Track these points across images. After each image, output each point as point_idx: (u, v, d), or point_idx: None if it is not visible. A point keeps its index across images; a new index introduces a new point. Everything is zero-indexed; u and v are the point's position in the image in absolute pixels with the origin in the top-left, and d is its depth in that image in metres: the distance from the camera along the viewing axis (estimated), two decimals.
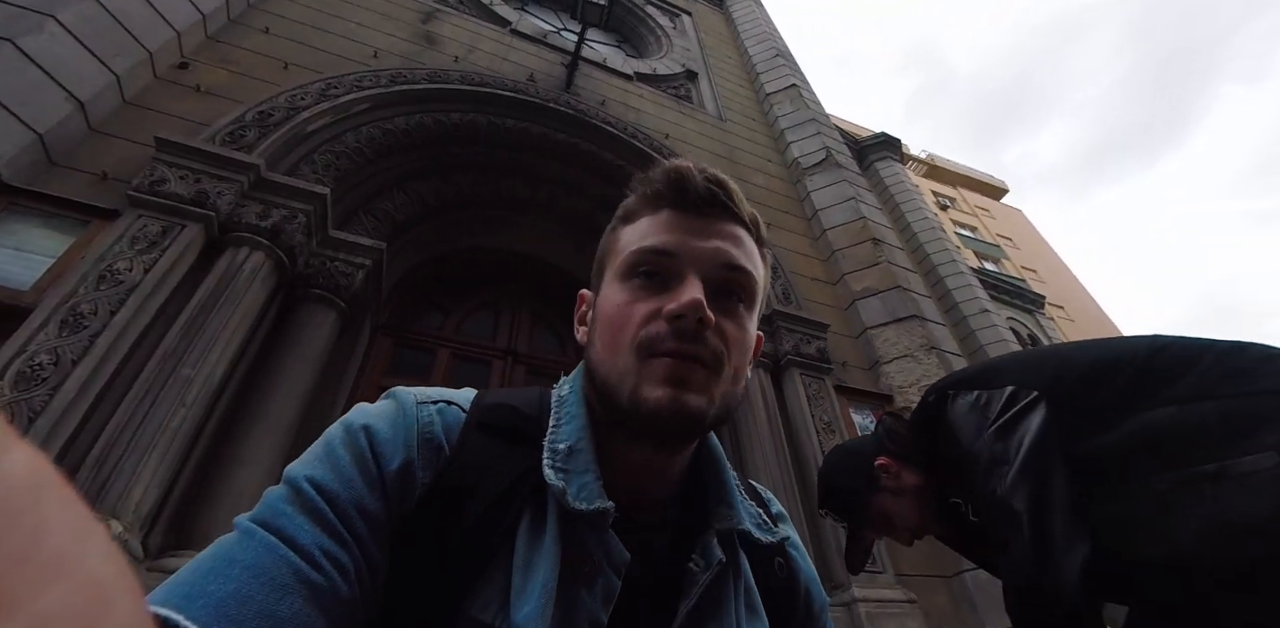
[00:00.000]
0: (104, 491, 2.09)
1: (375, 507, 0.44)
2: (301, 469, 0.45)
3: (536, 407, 0.56)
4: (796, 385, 4.00)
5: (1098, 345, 1.05)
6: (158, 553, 2.21)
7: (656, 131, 5.54)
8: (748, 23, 9.24)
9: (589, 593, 0.46)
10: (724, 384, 0.51)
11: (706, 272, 0.53)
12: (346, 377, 3.41)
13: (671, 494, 0.57)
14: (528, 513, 0.48)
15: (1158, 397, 0.90)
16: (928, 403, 1.13)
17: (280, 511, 0.41)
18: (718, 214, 0.56)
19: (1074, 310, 21.74)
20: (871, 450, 1.25)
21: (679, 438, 0.52)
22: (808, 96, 7.54)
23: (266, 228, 2.94)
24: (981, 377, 1.07)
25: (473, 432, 0.52)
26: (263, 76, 3.79)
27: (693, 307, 0.49)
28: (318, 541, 0.40)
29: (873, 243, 5.50)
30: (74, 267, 2.50)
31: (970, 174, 27.53)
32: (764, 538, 0.57)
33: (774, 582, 0.60)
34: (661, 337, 0.50)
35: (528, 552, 0.46)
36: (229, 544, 0.39)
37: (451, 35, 5.22)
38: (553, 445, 0.51)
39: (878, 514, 1.23)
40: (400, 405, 0.52)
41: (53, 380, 2.19)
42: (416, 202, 4.31)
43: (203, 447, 2.48)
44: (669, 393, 0.48)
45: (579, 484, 0.48)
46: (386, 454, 0.47)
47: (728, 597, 0.52)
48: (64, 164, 2.87)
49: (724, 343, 0.51)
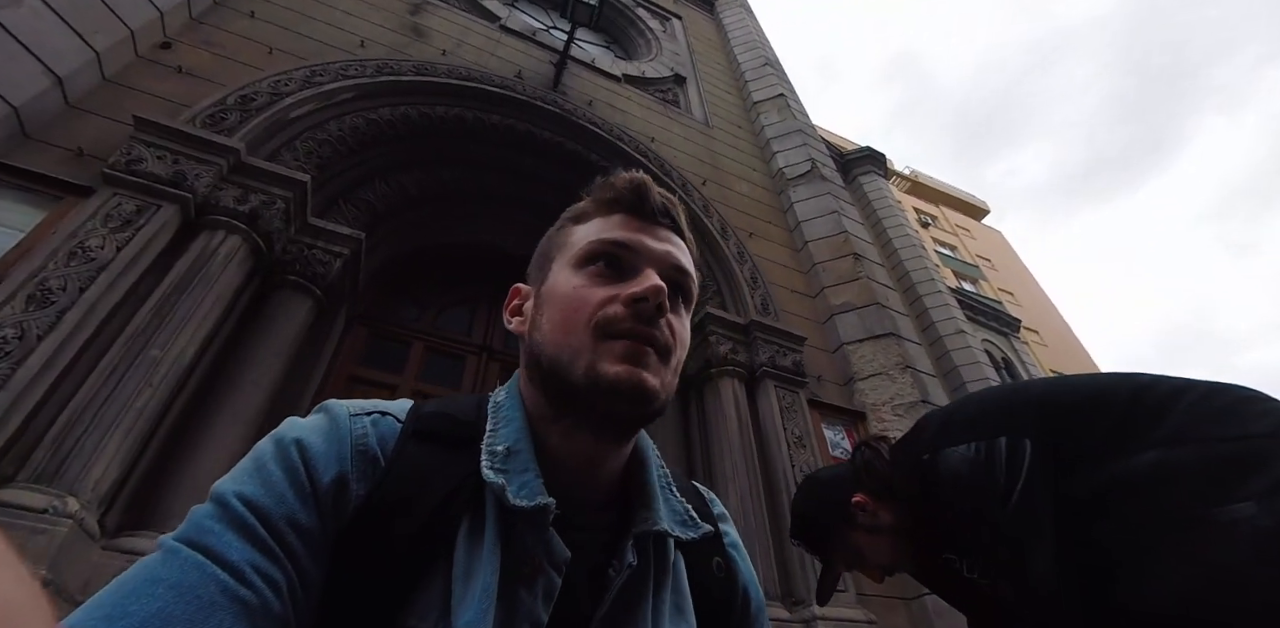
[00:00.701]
0: (63, 467, 2.12)
1: (309, 521, 0.45)
2: (230, 485, 0.45)
3: (474, 413, 0.58)
4: (770, 397, 4.09)
5: (1081, 384, 1.05)
6: (114, 532, 2.23)
7: (642, 134, 5.66)
8: (738, 30, 9.46)
9: (529, 593, 0.47)
10: (669, 374, 0.55)
11: (661, 270, 0.58)
12: (319, 365, 3.45)
13: (608, 498, 0.58)
14: (466, 519, 0.49)
15: (1140, 440, 0.91)
16: (922, 462, 1.08)
17: (207, 528, 0.42)
18: (668, 225, 0.62)
19: (1048, 335, 22.34)
20: (848, 485, 1.24)
21: (633, 416, 0.54)
22: (795, 107, 7.74)
23: (244, 212, 2.99)
24: (970, 424, 1.06)
25: (409, 441, 0.53)
26: (246, 60, 3.84)
27: (656, 291, 0.53)
28: (248, 557, 0.40)
29: (854, 258, 5.63)
30: (44, 242, 2.52)
31: (953, 192, 28.24)
32: (683, 535, 0.57)
33: (711, 581, 0.62)
34: (620, 318, 0.53)
35: (467, 558, 0.47)
36: (152, 564, 0.39)
37: (440, 28, 5.31)
38: (491, 448, 0.52)
39: (851, 550, 1.23)
40: (333, 419, 0.52)
41: (16, 354, 2.22)
42: (398, 192, 4.37)
43: (167, 428, 2.51)
44: (627, 369, 0.51)
45: (519, 483, 0.50)
46: (320, 468, 0.48)
47: (643, 600, 0.53)
48: (39, 138, 2.90)
49: (672, 335, 0.55)
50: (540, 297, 0.60)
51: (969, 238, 25.36)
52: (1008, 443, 0.98)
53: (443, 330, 4.54)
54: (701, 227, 5.12)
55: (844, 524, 1.22)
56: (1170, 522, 0.85)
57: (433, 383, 4.04)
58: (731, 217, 5.53)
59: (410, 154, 4.38)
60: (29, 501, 1.99)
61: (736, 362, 4.19)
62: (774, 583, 3.29)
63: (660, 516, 0.56)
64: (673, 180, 5.31)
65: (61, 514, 2.01)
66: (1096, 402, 0.99)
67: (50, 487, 2.07)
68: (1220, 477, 0.83)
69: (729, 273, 4.89)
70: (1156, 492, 0.87)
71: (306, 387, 3.27)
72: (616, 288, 0.55)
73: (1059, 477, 0.94)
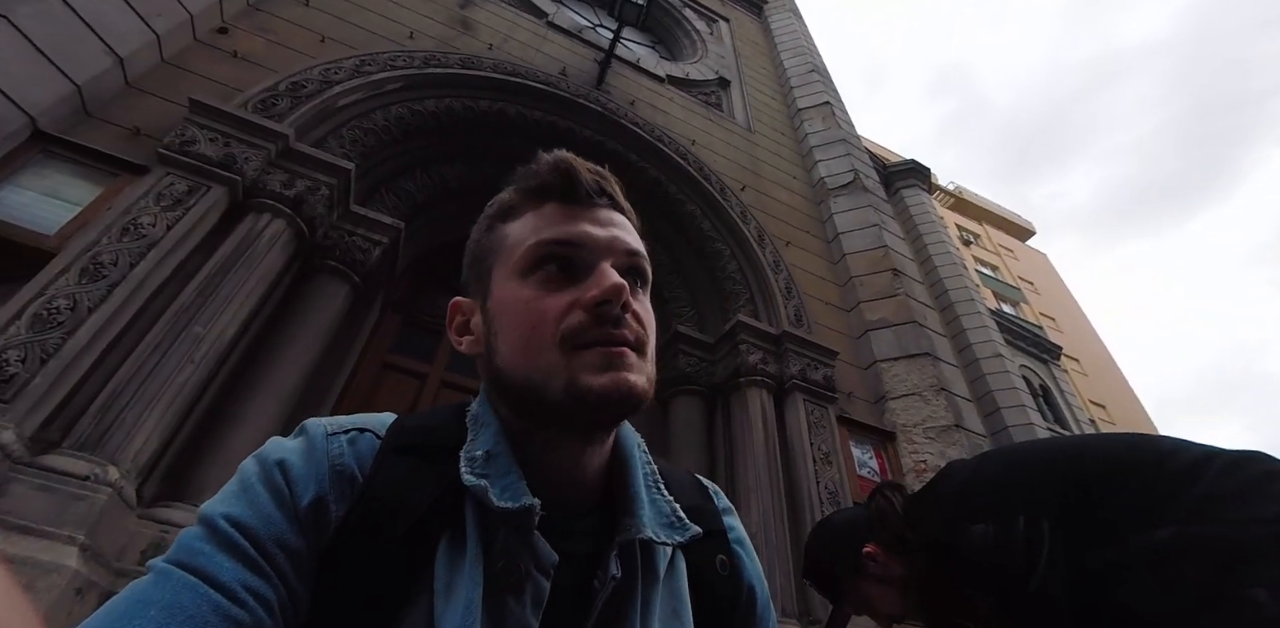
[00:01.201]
0: (105, 438, 2.23)
1: (295, 541, 0.46)
2: (217, 507, 0.46)
3: (453, 426, 0.57)
4: (799, 411, 4.10)
5: (1103, 447, 1.05)
6: (151, 502, 2.34)
7: (683, 137, 5.73)
8: (785, 35, 9.49)
9: (517, 602, 0.47)
10: (649, 364, 0.54)
11: (615, 259, 0.55)
12: (353, 350, 3.56)
13: (592, 501, 0.58)
14: (446, 533, 0.49)
15: (1160, 515, 0.91)
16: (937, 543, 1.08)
17: (198, 550, 0.43)
18: (605, 205, 0.59)
19: (1089, 365, 21.91)
20: (861, 533, 1.26)
21: (619, 419, 0.54)
22: (840, 116, 7.74)
23: (290, 197, 3.11)
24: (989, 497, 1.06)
25: (388, 457, 0.53)
26: (299, 48, 3.98)
27: (618, 291, 0.51)
28: (239, 577, 0.41)
29: (893, 273, 5.60)
30: (99, 217, 2.66)
31: (997, 211, 27.87)
32: (669, 539, 0.56)
33: (714, 579, 0.61)
34: (585, 326, 0.51)
35: (449, 570, 0.47)
36: (143, 587, 0.40)
37: (487, 22, 5.44)
38: (470, 454, 0.52)
39: (860, 598, 1.26)
40: (310, 439, 0.53)
41: (68, 325, 2.34)
42: (439, 184, 4.49)
43: (206, 404, 2.63)
44: (612, 378, 0.50)
45: (502, 485, 0.49)
46: (299, 490, 0.48)
47: (631, 611, 0.52)
48: (99, 116, 3.05)
49: (641, 325, 0.54)
50: (488, 313, 0.58)
51: (1012, 259, 25.01)
52: (1026, 524, 0.98)
53: None
54: (738, 233, 5.16)
55: (854, 573, 1.24)
56: (1183, 601, 0.85)
57: (461, 374, 4.12)
58: (769, 224, 5.55)
59: (452, 146, 4.49)
60: (73, 467, 2.10)
61: (766, 372, 4.22)
62: (791, 601, 3.30)
63: (644, 522, 0.55)
64: (711, 184, 5.36)
65: (102, 482, 2.11)
66: (1122, 472, 0.98)
67: (93, 455, 2.18)
68: (1235, 560, 0.83)
69: (763, 281, 4.91)
70: (1169, 568, 0.87)
71: (340, 370, 3.37)
72: (572, 292, 0.53)
73: (1080, 549, 0.95)
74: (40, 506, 1.99)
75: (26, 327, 2.29)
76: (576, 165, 0.58)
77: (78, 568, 1.93)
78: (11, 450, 2.04)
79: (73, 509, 2.02)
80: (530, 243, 0.55)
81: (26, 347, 2.25)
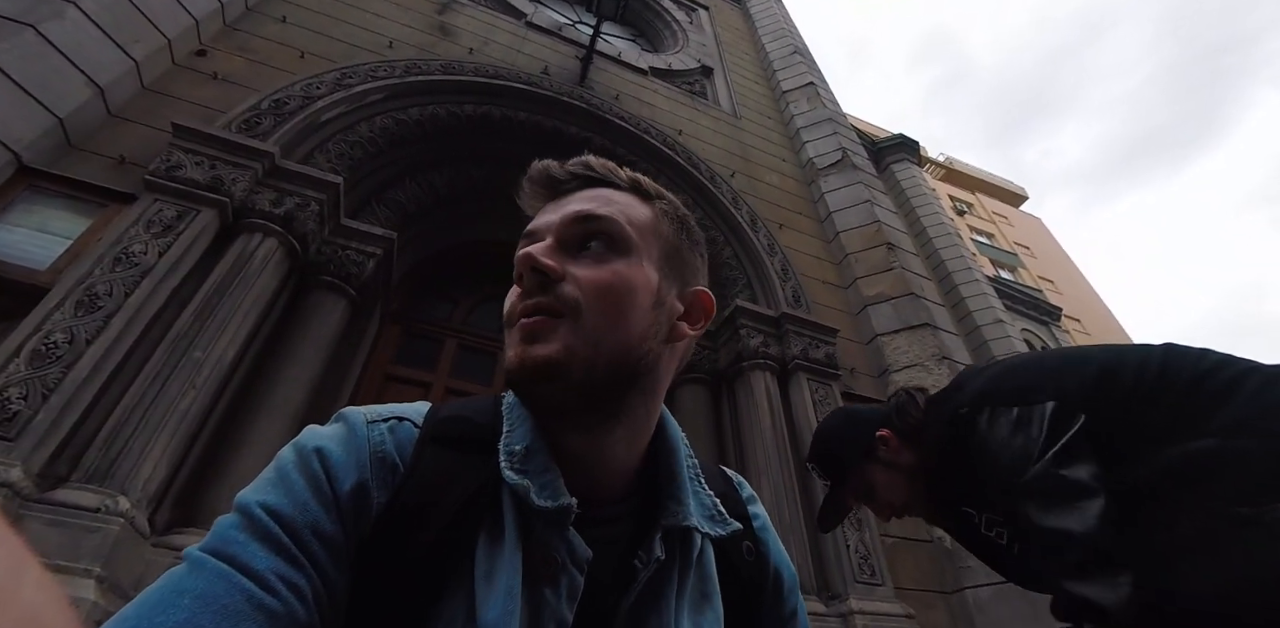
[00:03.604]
0: (113, 468, 2.18)
1: (332, 530, 0.45)
2: (253, 495, 0.45)
3: (490, 415, 0.57)
4: (803, 390, 4.04)
5: (1142, 362, 0.98)
6: (164, 529, 2.30)
7: (669, 127, 5.61)
8: (766, 19, 9.30)
9: (554, 593, 0.47)
10: (590, 332, 0.51)
11: (558, 232, 0.55)
12: (354, 364, 3.50)
13: (629, 487, 0.57)
14: (486, 523, 0.49)
15: (1200, 425, 0.87)
16: (959, 416, 1.06)
17: (232, 538, 0.42)
18: (577, 186, 0.59)
19: (1090, 323, 21.67)
20: (877, 421, 1.23)
21: (553, 392, 0.51)
22: (825, 95, 7.58)
23: (280, 215, 3.03)
24: (1018, 390, 1.02)
25: (427, 446, 0.52)
26: (279, 65, 3.89)
27: (522, 261, 0.52)
28: (273, 566, 0.40)
29: (887, 248, 5.52)
30: (90, 248, 2.59)
31: (989, 179, 27.50)
32: (712, 531, 0.57)
33: (742, 566, 0.62)
34: (514, 304, 0.53)
35: (488, 561, 0.46)
36: (178, 576, 0.39)
37: (467, 27, 5.31)
38: (509, 448, 0.51)
39: (864, 483, 1.22)
40: (350, 426, 0.52)
41: (67, 359, 2.28)
42: (428, 192, 4.40)
43: (211, 427, 2.57)
44: (516, 352, 0.50)
45: (541, 483, 0.49)
46: (340, 477, 0.47)
47: (668, 590, 0.52)
48: (83, 147, 2.97)
49: (581, 290, 0.51)
50: None
51: (1006, 225, 24.69)
52: (1056, 408, 0.95)
53: (475, 327, 4.57)
54: (730, 219, 5.06)
55: (864, 455, 1.21)
56: (1219, 516, 0.81)
57: (465, 380, 4.07)
58: (761, 208, 5.45)
59: (439, 153, 4.40)
60: (83, 500, 2.05)
61: (768, 355, 4.14)
62: (810, 577, 3.26)
63: (690, 510, 0.55)
64: (700, 173, 5.25)
65: (114, 513, 2.06)
66: (1158, 382, 0.94)
67: (102, 486, 2.13)
68: (1274, 475, 0.80)
69: (759, 265, 4.82)
70: (1209, 482, 0.84)
71: (343, 385, 3.32)
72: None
73: (1112, 462, 0.91)
74: (54, 541, 1.94)
75: (26, 363, 2.23)
76: (548, 166, 0.60)
77: (96, 600, 1.89)
78: (20, 488, 1.99)
79: (87, 542, 1.97)
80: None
81: (27, 383, 2.20)
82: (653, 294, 0.55)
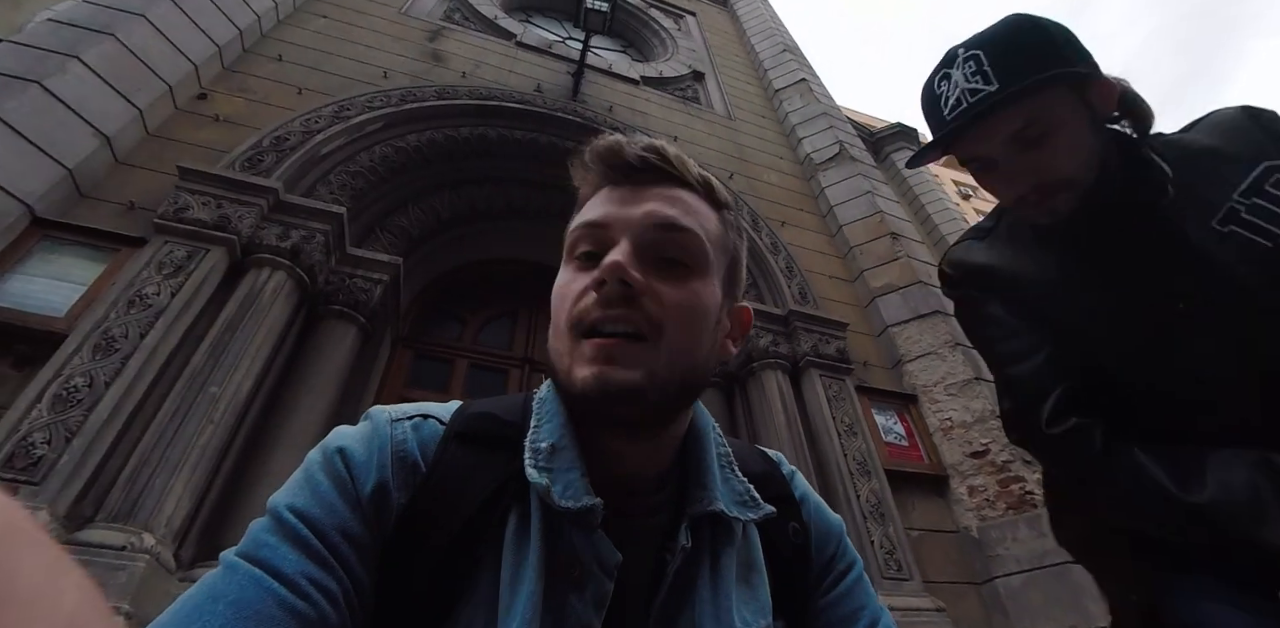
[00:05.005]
0: (137, 506, 2.20)
1: (359, 530, 0.44)
2: (283, 498, 0.45)
3: (518, 412, 0.55)
4: (816, 387, 3.97)
5: None
6: (190, 564, 2.31)
7: (664, 134, 5.56)
8: (753, 19, 9.24)
9: (579, 599, 0.45)
10: (668, 355, 0.48)
11: (638, 235, 0.51)
12: (368, 390, 3.51)
13: (665, 476, 0.55)
14: (512, 522, 0.47)
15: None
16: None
17: (263, 542, 0.41)
18: (652, 179, 0.55)
19: None
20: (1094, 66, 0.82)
21: (620, 417, 0.49)
22: (818, 91, 7.50)
23: (287, 248, 3.05)
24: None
25: (451, 444, 0.51)
26: (278, 103, 3.93)
27: (611, 269, 0.48)
28: (303, 569, 0.40)
29: (891, 237, 5.43)
30: (105, 293, 2.63)
31: None
32: (742, 516, 0.53)
33: (787, 546, 0.59)
34: (588, 309, 0.49)
35: (514, 563, 0.45)
36: (213, 580, 0.39)
37: (458, 51, 5.34)
38: (534, 445, 0.49)
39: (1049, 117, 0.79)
40: (374, 425, 0.51)
41: (87, 402, 2.31)
42: (431, 216, 4.41)
43: (231, 461, 2.58)
44: (594, 371, 0.47)
45: (564, 482, 0.47)
46: (361, 477, 0.46)
47: (700, 581, 0.50)
48: (93, 195, 3.03)
49: (663, 309, 0.49)
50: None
51: None
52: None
53: (484, 346, 4.56)
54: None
55: (1070, 87, 0.80)
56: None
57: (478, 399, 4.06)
58: (762, 207, 5.40)
59: (439, 176, 4.41)
60: (108, 539, 2.07)
61: (778, 354, 4.08)
62: None
63: (716, 495, 0.53)
64: None
65: (139, 550, 2.08)
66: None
67: (127, 525, 2.15)
68: None
69: (763, 264, 4.77)
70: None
71: (358, 412, 3.30)
72: (593, 274, 0.50)
73: None
74: None
75: (48, 408, 2.27)
76: (618, 145, 0.55)
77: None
78: (48, 530, 2.01)
79: (113, 580, 1.99)
80: (570, 228, 0.55)
81: (51, 428, 2.23)
82: (716, 313, 0.54)
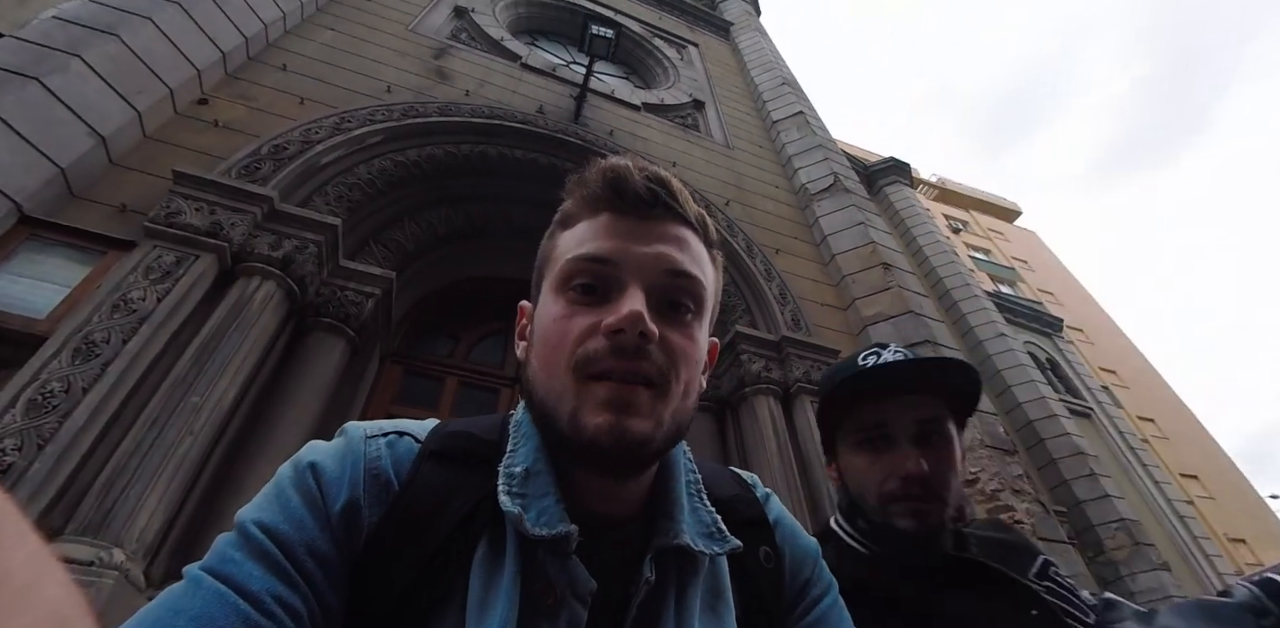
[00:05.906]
0: (108, 518, 2.10)
1: (327, 549, 0.43)
2: (251, 513, 0.43)
3: (495, 431, 0.54)
4: (808, 414, 3.90)
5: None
6: (160, 582, 2.19)
7: (663, 160, 5.61)
8: (754, 53, 9.42)
9: (552, 626, 0.44)
10: (673, 403, 0.48)
11: (649, 280, 0.50)
12: (354, 406, 3.43)
13: (636, 510, 0.54)
14: (484, 545, 0.46)
15: None
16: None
17: (229, 557, 0.40)
18: (660, 215, 0.53)
19: (1094, 332, 21.41)
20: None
21: (624, 467, 0.48)
22: (814, 123, 7.63)
23: (278, 258, 3.00)
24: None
25: (426, 462, 0.49)
26: (279, 112, 3.91)
27: (632, 320, 0.46)
28: (268, 586, 0.39)
29: (883, 267, 5.47)
30: (89, 296, 2.56)
31: (982, 196, 27.55)
32: (707, 549, 0.51)
33: (759, 572, 0.57)
34: (600, 355, 0.47)
35: (484, 588, 0.43)
36: (176, 594, 0.38)
37: (463, 70, 5.37)
38: (509, 470, 0.48)
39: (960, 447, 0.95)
40: (348, 441, 0.50)
41: (63, 408, 2.23)
42: (427, 231, 4.38)
43: (210, 473, 2.49)
44: (609, 420, 0.45)
45: (538, 509, 0.45)
46: (332, 493, 0.45)
47: (665, 615, 0.48)
48: (84, 196, 2.97)
49: (670, 358, 0.48)
50: (533, 323, 0.54)
51: (1003, 240, 24.62)
52: None
53: (475, 364, 4.50)
54: (726, 247, 5.02)
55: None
56: None
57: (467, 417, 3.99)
58: (757, 235, 5.42)
59: (437, 193, 4.39)
60: (76, 553, 1.97)
61: (770, 379, 4.05)
62: None
63: (682, 528, 0.51)
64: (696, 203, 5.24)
65: (108, 566, 1.98)
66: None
67: (97, 538, 2.04)
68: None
69: (757, 291, 4.76)
70: None
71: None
72: (599, 313, 0.48)
73: None
74: None
75: (21, 413, 2.17)
76: (627, 172, 0.52)
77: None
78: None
79: None
80: (568, 257, 0.52)
81: (23, 434, 2.14)
82: (705, 355, 0.54)
